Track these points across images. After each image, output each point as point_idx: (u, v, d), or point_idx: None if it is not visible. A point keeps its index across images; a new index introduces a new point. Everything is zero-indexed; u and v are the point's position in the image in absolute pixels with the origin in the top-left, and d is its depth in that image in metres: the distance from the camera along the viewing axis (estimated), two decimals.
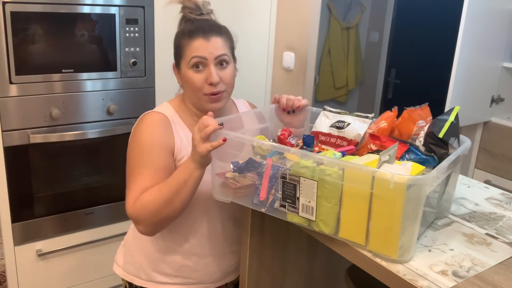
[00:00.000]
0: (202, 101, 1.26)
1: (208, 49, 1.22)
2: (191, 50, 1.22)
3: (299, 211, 1.05)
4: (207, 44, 1.22)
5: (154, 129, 1.25)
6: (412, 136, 1.17)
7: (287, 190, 1.05)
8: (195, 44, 1.22)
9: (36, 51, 1.83)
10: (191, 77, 1.23)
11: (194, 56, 1.22)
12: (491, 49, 2.37)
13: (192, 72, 1.23)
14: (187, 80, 1.25)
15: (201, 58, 1.22)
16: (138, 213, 1.19)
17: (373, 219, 0.95)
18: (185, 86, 1.29)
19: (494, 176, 2.46)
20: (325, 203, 1.00)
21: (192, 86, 1.25)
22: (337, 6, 3.88)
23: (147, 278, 1.37)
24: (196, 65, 1.22)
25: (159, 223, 1.20)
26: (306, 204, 1.03)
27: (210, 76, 1.22)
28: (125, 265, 1.41)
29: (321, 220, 1.02)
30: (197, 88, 1.24)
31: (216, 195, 1.21)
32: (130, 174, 1.23)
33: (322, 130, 1.28)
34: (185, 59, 1.24)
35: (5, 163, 1.85)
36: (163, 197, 1.16)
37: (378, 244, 0.96)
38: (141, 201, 1.18)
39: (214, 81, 1.21)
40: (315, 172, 1.00)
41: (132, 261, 1.39)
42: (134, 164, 1.23)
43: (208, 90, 1.23)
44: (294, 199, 1.05)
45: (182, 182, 1.15)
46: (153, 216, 1.18)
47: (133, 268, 1.38)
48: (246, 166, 1.14)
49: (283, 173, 1.05)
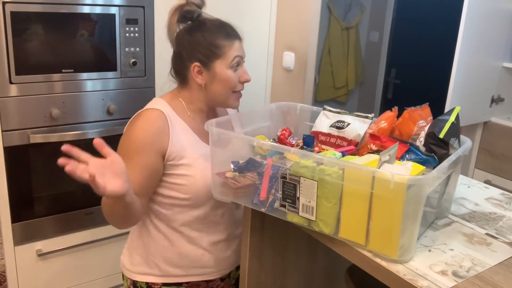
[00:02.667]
0: (231, 99, 1.32)
1: (243, 50, 1.32)
2: (233, 50, 1.28)
3: (299, 211, 1.05)
4: (241, 45, 1.32)
5: (148, 127, 1.25)
6: (413, 136, 1.17)
7: (287, 190, 1.06)
8: (236, 44, 1.29)
9: (36, 51, 1.83)
10: (230, 76, 1.28)
11: (237, 55, 1.28)
12: (491, 49, 2.37)
13: (231, 71, 1.28)
14: (224, 79, 1.28)
15: (241, 58, 1.30)
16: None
17: (373, 219, 0.95)
18: (216, 86, 1.29)
19: (494, 176, 2.46)
20: (325, 203, 1.00)
21: (229, 85, 1.29)
22: (337, 6, 3.88)
23: (162, 273, 1.38)
24: (236, 65, 1.29)
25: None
26: (306, 204, 1.03)
27: (245, 75, 1.31)
28: (134, 267, 1.40)
29: (321, 220, 1.02)
30: (232, 86, 1.30)
31: (216, 195, 1.22)
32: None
33: (322, 130, 1.28)
34: (226, 59, 1.27)
35: (5, 163, 1.85)
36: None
37: (378, 244, 0.96)
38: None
39: (249, 79, 1.32)
40: (315, 172, 1.00)
41: (142, 260, 1.39)
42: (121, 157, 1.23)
43: (239, 87, 1.31)
44: (294, 199, 1.05)
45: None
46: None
47: (145, 267, 1.38)
48: (247, 166, 1.14)
49: (283, 173, 1.05)
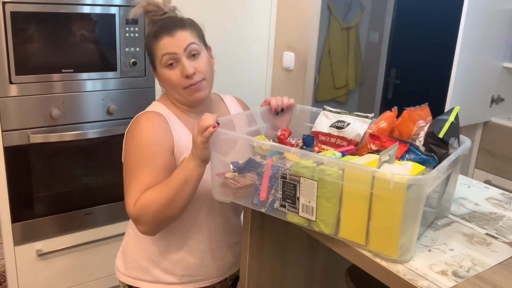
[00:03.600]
0: (184, 95, 1.27)
1: (175, 44, 1.23)
2: (160, 49, 1.23)
3: (299, 211, 1.05)
4: (173, 40, 1.23)
5: (152, 128, 1.25)
6: (412, 136, 1.17)
7: (287, 190, 1.05)
8: (162, 43, 1.23)
9: (36, 51, 1.83)
10: (167, 75, 1.25)
11: (164, 53, 1.23)
12: (491, 49, 2.37)
13: (167, 70, 1.24)
14: (165, 79, 1.26)
15: (171, 54, 1.23)
16: (139, 214, 1.18)
17: (373, 219, 0.94)
18: (166, 86, 1.30)
19: (494, 176, 2.46)
20: (325, 203, 1.00)
21: (170, 84, 1.26)
22: (337, 6, 3.88)
23: (154, 280, 1.35)
24: (170, 63, 1.23)
25: (160, 223, 1.20)
26: (306, 204, 1.03)
27: (184, 69, 1.22)
28: (128, 270, 1.38)
29: (321, 220, 1.02)
30: (176, 84, 1.25)
31: (216, 195, 1.21)
32: (130, 175, 1.22)
33: (322, 130, 1.28)
34: (158, 60, 1.25)
35: (5, 163, 1.85)
36: (165, 197, 1.16)
37: (378, 244, 0.96)
38: (142, 201, 1.17)
39: (189, 73, 1.22)
40: (315, 172, 0.99)
41: (135, 265, 1.36)
42: (133, 164, 1.22)
43: (186, 83, 1.24)
44: (294, 199, 1.05)
45: (183, 181, 1.15)
46: (155, 216, 1.17)
47: (138, 271, 1.36)
48: (246, 166, 1.14)
49: (283, 173, 1.05)
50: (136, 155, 1.23)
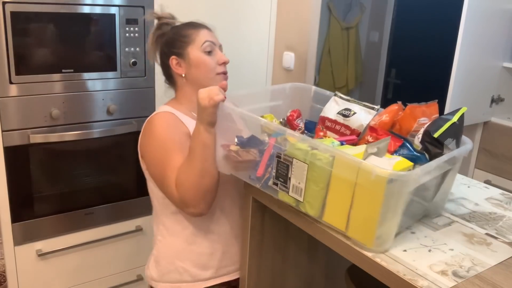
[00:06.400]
0: (216, 80, 1.36)
1: (214, 37, 1.40)
2: (201, 36, 1.36)
3: (289, 191, 1.09)
4: (211, 33, 1.40)
5: (166, 121, 1.33)
6: (412, 132, 1.18)
7: (281, 170, 1.10)
8: (203, 32, 1.38)
9: (36, 51, 1.83)
10: (205, 59, 1.36)
11: (207, 40, 1.36)
12: (491, 49, 2.37)
13: (205, 55, 1.36)
14: (200, 63, 1.35)
15: (211, 43, 1.37)
16: (182, 194, 1.22)
17: (354, 208, 0.98)
18: (194, 71, 1.37)
19: (494, 176, 2.46)
20: (313, 186, 1.04)
21: (206, 68, 1.36)
22: (337, 6, 3.88)
23: (193, 279, 1.38)
24: (208, 50, 1.36)
25: (204, 196, 1.23)
26: (296, 185, 1.07)
27: (222, 57, 1.38)
28: (164, 276, 1.40)
29: (308, 202, 1.06)
30: (211, 68, 1.36)
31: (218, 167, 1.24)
32: (162, 168, 1.27)
33: (329, 116, 1.29)
34: (196, 44, 1.36)
35: (5, 163, 1.85)
36: (194, 167, 1.20)
37: (356, 232, 0.99)
38: (178, 182, 1.22)
39: (227, 61, 1.38)
40: (307, 156, 1.04)
41: (172, 268, 1.38)
42: (160, 156, 1.28)
43: (220, 69, 1.37)
44: (286, 179, 1.09)
45: (202, 145, 1.20)
46: (195, 189, 1.21)
47: (175, 274, 1.38)
48: (249, 142, 1.19)
49: (278, 153, 1.10)
50: (160, 148, 1.29)
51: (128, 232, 2.22)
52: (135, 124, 2.08)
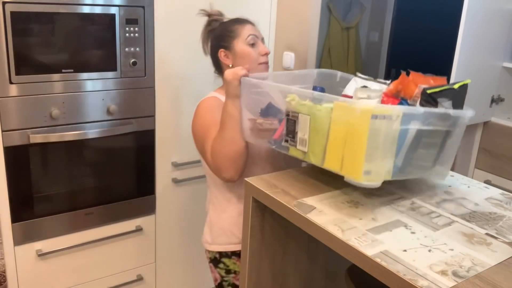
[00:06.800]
0: (258, 69, 1.55)
1: (257, 31, 1.60)
2: (246, 31, 1.56)
3: (297, 144, 1.23)
4: (254, 28, 1.60)
5: (212, 104, 1.55)
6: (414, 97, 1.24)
7: (290, 126, 1.25)
8: (247, 27, 1.58)
9: (36, 51, 1.83)
10: (248, 50, 1.55)
11: (251, 34, 1.56)
12: (491, 49, 2.37)
13: (249, 47, 1.56)
14: (245, 54, 1.55)
15: (255, 36, 1.57)
16: (215, 161, 1.43)
17: (346, 146, 1.09)
18: (240, 62, 1.55)
19: (494, 176, 2.46)
20: (314, 134, 1.17)
21: (250, 58, 1.55)
22: (337, 6, 3.88)
23: (239, 241, 1.55)
24: (252, 42, 1.55)
25: (234, 161, 1.41)
26: (301, 138, 1.21)
27: (264, 49, 1.58)
28: (216, 239, 1.61)
29: (311, 151, 1.19)
30: (254, 59, 1.55)
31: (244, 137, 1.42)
32: (202, 140, 1.50)
33: (348, 94, 1.46)
34: (241, 37, 1.55)
35: (5, 163, 1.85)
36: (223, 135, 1.41)
37: (348, 168, 1.09)
38: (213, 150, 1.43)
39: (268, 52, 1.58)
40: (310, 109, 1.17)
41: (221, 232, 1.60)
42: (202, 131, 1.50)
43: (262, 59, 1.57)
44: (294, 134, 1.23)
45: (229, 116, 1.40)
46: (225, 156, 1.40)
47: (225, 237, 1.59)
48: (267, 110, 1.37)
49: (287, 111, 1.25)
50: (202, 125, 1.52)
51: (128, 232, 2.22)
52: (135, 124, 2.08)
